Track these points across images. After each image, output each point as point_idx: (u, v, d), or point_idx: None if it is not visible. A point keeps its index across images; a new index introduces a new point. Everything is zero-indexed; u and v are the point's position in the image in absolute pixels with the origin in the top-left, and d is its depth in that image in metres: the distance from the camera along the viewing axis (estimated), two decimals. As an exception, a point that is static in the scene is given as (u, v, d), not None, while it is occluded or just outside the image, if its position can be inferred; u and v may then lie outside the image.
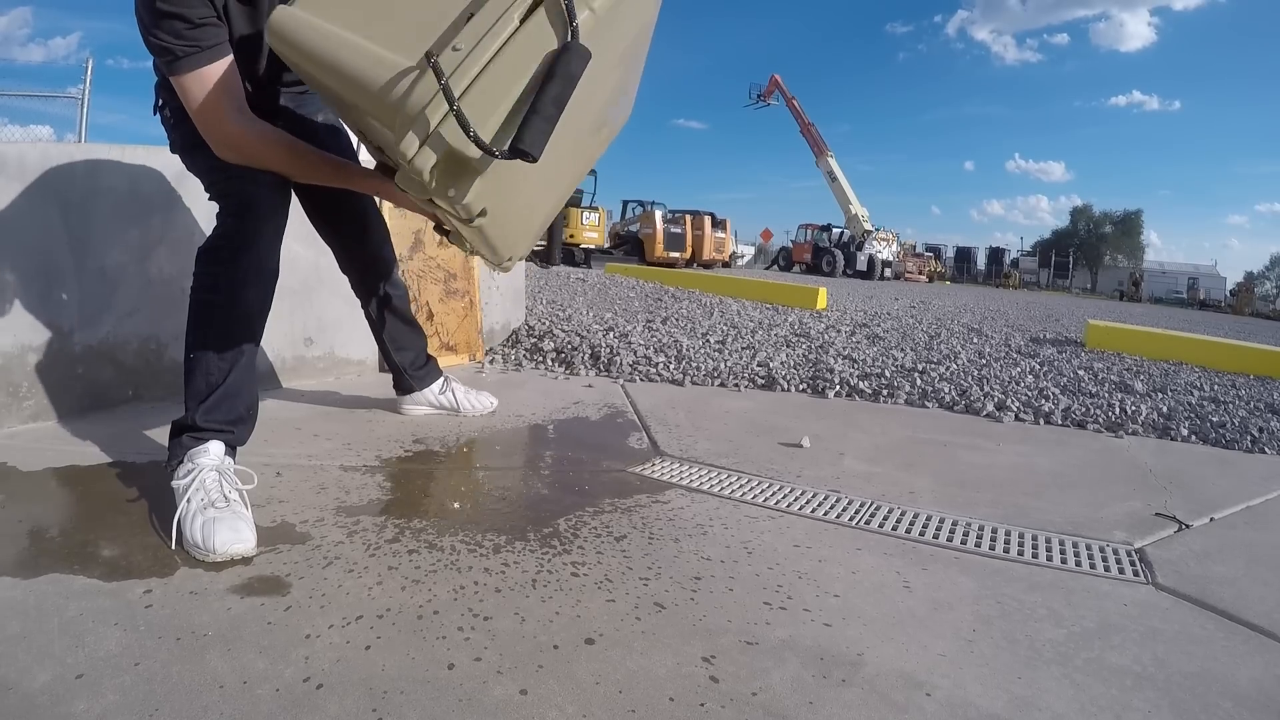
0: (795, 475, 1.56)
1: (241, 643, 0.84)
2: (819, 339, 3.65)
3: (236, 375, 1.22)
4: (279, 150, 1.19)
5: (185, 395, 1.22)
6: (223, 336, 1.21)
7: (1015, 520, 1.38)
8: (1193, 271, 33.60)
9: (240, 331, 1.22)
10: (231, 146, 1.15)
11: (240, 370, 1.22)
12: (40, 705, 0.71)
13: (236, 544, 1.04)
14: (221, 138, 1.14)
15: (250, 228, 1.20)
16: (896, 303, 7.95)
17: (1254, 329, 10.63)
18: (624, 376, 2.51)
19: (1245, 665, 0.92)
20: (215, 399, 1.20)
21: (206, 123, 1.12)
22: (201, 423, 1.19)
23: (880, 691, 0.82)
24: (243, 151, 1.16)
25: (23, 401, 1.58)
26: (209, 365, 1.20)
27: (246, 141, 1.15)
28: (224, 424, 1.20)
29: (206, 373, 1.20)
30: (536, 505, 1.33)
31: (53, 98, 7.15)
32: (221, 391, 1.20)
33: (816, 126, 25.07)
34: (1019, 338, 4.74)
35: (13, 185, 1.55)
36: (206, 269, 1.21)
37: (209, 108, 1.10)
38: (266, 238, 1.22)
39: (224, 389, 1.20)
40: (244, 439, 1.26)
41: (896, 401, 2.42)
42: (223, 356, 1.20)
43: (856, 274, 20.84)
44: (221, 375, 1.20)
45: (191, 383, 1.21)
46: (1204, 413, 2.46)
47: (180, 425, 1.21)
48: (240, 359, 1.22)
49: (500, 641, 0.87)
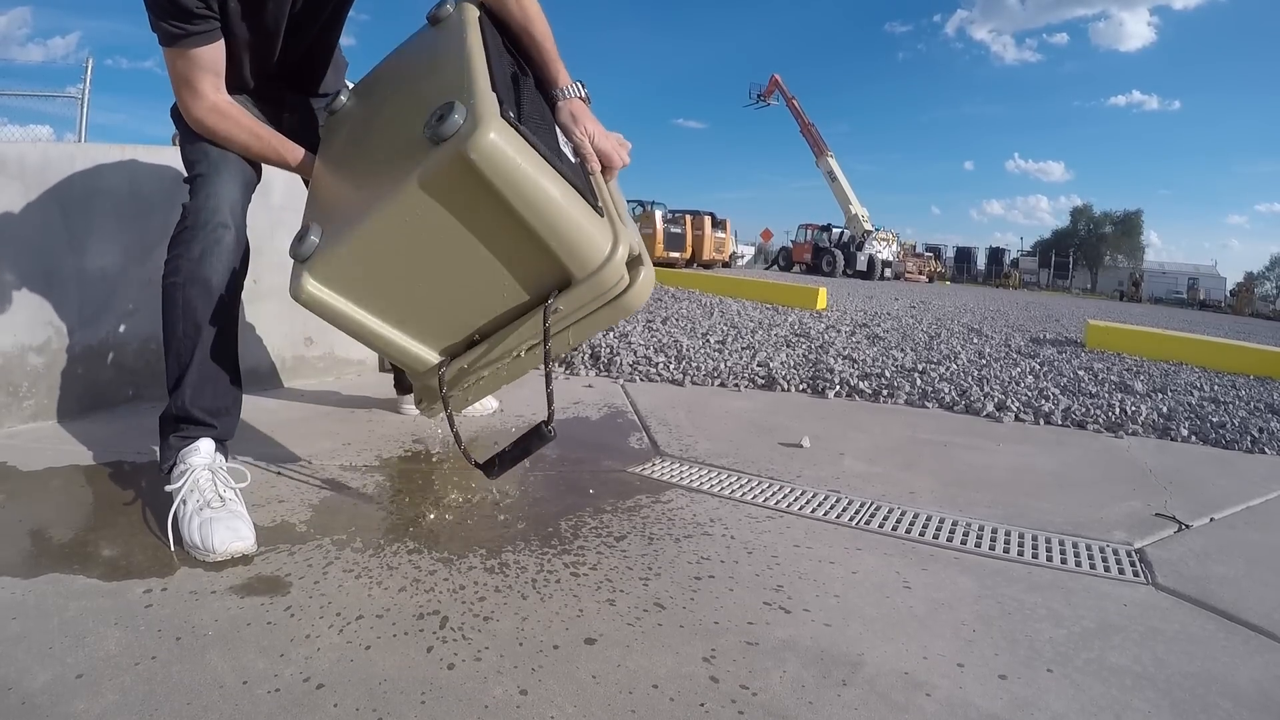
0: (795, 475, 1.56)
1: (241, 643, 0.84)
2: (819, 339, 3.65)
3: (208, 358, 1.19)
4: (239, 133, 1.25)
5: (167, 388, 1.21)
6: (187, 316, 1.18)
7: (1015, 520, 1.38)
8: (1193, 271, 33.59)
9: (202, 309, 1.18)
10: (195, 120, 1.24)
11: (210, 352, 1.19)
12: (40, 705, 0.71)
13: (235, 542, 1.04)
14: (191, 111, 1.23)
15: (206, 204, 1.20)
16: (896, 303, 7.95)
17: (1254, 329, 10.64)
18: (624, 376, 2.51)
19: (1245, 665, 0.92)
20: (190, 384, 1.18)
21: (180, 96, 1.23)
22: (184, 410, 1.18)
23: (880, 691, 0.82)
24: (204, 125, 1.24)
25: (23, 401, 1.58)
26: (178, 347, 1.19)
27: (212, 119, 1.23)
28: (205, 414, 1.19)
29: (177, 355, 1.19)
30: (536, 505, 1.33)
31: (52, 97, 7.15)
32: (195, 375, 1.18)
33: (816, 126, 25.08)
34: (1019, 338, 4.75)
35: (13, 185, 1.55)
36: (169, 254, 1.21)
37: (185, 83, 1.21)
38: (223, 213, 1.20)
39: (197, 372, 1.18)
40: (230, 431, 1.24)
41: (896, 402, 2.42)
42: (188, 336, 1.18)
43: (856, 274, 20.82)
44: (188, 354, 1.18)
45: (167, 371, 1.21)
46: (1204, 413, 2.46)
47: (163, 418, 1.20)
48: (208, 339, 1.19)
49: (500, 641, 0.87)
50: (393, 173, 0.94)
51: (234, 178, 1.24)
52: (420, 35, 1.28)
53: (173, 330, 1.19)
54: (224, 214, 1.20)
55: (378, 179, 0.98)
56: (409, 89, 1.16)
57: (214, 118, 1.22)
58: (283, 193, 1.99)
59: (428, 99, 0.98)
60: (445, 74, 1.03)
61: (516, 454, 1.08)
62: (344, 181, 1.11)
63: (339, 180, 1.13)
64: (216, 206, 1.20)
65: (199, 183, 1.23)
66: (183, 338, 1.19)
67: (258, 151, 1.26)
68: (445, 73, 1.03)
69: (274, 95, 1.39)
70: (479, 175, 0.87)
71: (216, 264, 1.19)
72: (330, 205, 1.07)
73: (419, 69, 1.20)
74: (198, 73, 1.19)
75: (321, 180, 1.18)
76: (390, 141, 1.05)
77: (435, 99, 0.93)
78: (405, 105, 1.10)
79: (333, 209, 1.05)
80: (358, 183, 1.07)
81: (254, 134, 1.25)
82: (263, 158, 1.28)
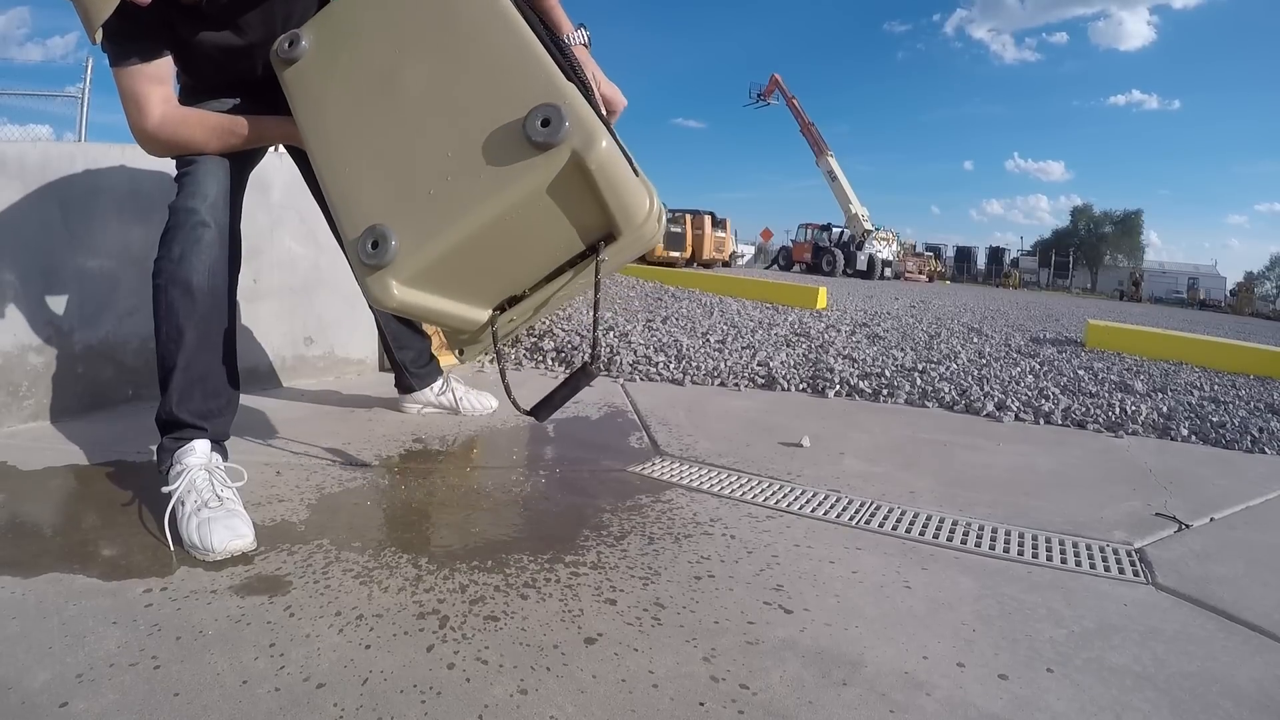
0: (795, 475, 1.56)
1: (241, 643, 0.84)
2: (819, 338, 3.65)
3: (197, 358, 1.18)
4: (194, 130, 1.19)
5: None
6: (169, 319, 1.17)
7: (1015, 520, 1.38)
8: (1193, 271, 33.61)
9: (183, 311, 1.16)
10: (145, 138, 1.17)
11: (196, 352, 1.18)
12: (40, 705, 0.71)
13: (235, 540, 1.04)
14: (137, 130, 1.17)
15: (186, 204, 1.19)
16: (896, 302, 7.95)
17: (1254, 329, 10.64)
18: (624, 376, 2.51)
19: (1245, 665, 0.92)
20: (176, 388, 1.17)
21: (127, 114, 1.16)
22: (171, 415, 1.17)
23: (880, 691, 0.82)
24: (157, 142, 1.18)
25: (23, 401, 1.58)
26: (162, 350, 1.18)
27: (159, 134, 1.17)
28: (194, 416, 1.18)
29: (161, 358, 1.18)
30: (536, 505, 1.33)
31: (52, 97, 7.15)
32: (180, 378, 1.17)
33: (816, 126, 25.08)
34: (1019, 337, 4.75)
35: (13, 185, 1.55)
36: (157, 255, 1.20)
37: (128, 101, 1.14)
38: (201, 211, 1.19)
39: (182, 375, 1.17)
40: (224, 431, 1.24)
41: (896, 401, 2.42)
42: (171, 339, 1.17)
43: (856, 274, 20.84)
44: (171, 357, 1.17)
45: (159, 374, 1.20)
46: (1204, 413, 2.46)
47: (158, 421, 1.20)
48: (192, 341, 1.17)
49: (500, 641, 0.87)
50: (488, 170, 0.96)
51: (215, 174, 1.22)
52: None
53: (157, 333, 1.19)
54: (202, 212, 1.18)
55: (461, 173, 0.99)
56: (437, 52, 1.10)
57: (166, 127, 1.16)
58: (282, 191, 1.99)
59: (481, 75, 1.02)
60: (489, 43, 1.05)
61: (565, 394, 1.14)
62: (392, 165, 1.06)
63: (381, 161, 1.07)
64: (195, 206, 1.18)
65: (182, 181, 1.21)
66: (166, 341, 1.18)
67: (226, 143, 1.20)
68: (488, 41, 1.05)
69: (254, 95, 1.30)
70: (588, 174, 0.95)
71: (196, 263, 1.17)
72: (389, 196, 1.03)
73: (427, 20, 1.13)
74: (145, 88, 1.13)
75: (344, 156, 1.08)
76: (454, 125, 1.03)
77: (499, 79, 1.00)
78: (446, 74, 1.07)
79: (396, 201, 1.02)
80: (421, 170, 1.04)
81: (207, 129, 1.18)
82: (240, 145, 1.21)
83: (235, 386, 1.26)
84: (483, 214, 0.96)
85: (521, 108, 0.95)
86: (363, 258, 0.97)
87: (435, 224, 0.97)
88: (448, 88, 1.05)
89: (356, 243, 0.98)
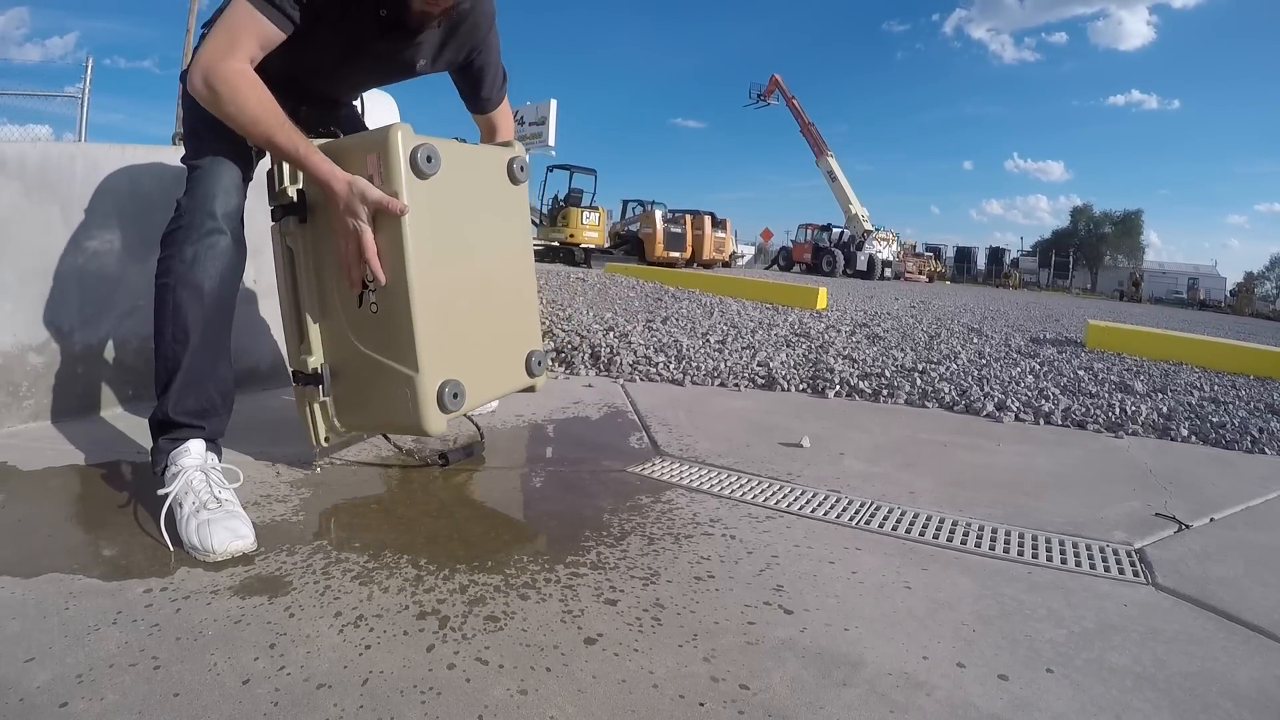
0: (795, 475, 1.56)
1: (241, 643, 0.84)
2: (819, 339, 3.65)
3: (196, 360, 1.17)
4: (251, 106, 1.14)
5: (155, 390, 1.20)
6: (176, 321, 1.17)
7: (1015, 520, 1.38)
8: (1193, 271, 33.61)
9: (192, 314, 1.16)
10: (219, 75, 1.13)
11: (200, 355, 1.18)
12: (40, 705, 0.71)
13: (235, 541, 1.04)
14: (218, 67, 1.13)
15: (202, 205, 1.18)
16: (896, 303, 7.95)
17: (1254, 329, 10.64)
18: (624, 376, 2.51)
19: (1245, 665, 0.92)
20: (176, 389, 1.17)
21: (214, 51, 1.14)
22: (167, 416, 1.17)
23: (880, 691, 0.82)
24: (227, 82, 1.13)
25: (23, 401, 1.57)
26: (165, 351, 1.18)
27: (235, 79, 1.14)
28: (193, 416, 1.17)
29: (164, 359, 1.18)
30: (536, 505, 1.33)
31: (51, 97, 7.15)
32: (181, 380, 1.17)
33: (816, 126, 25.07)
34: (1019, 338, 4.75)
35: (13, 185, 1.55)
36: (162, 252, 1.19)
37: (232, 41, 1.14)
38: (218, 217, 1.18)
39: (184, 377, 1.17)
40: (220, 431, 1.23)
41: (896, 401, 2.42)
42: (177, 341, 1.17)
43: (856, 274, 20.82)
44: (176, 360, 1.17)
45: (156, 373, 1.20)
46: (1204, 413, 2.46)
47: (153, 422, 1.19)
48: (197, 344, 1.17)
49: (500, 641, 0.87)
50: (517, 362, 1.46)
51: (233, 177, 1.22)
52: (488, 154, 1.44)
53: (161, 334, 1.18)
54: (219, 217, 1.18)
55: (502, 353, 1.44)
56: (483, 234, 1.39)
57: (237, 80, 1.13)
58: (283, 192, 1.99)
59: (510, 303, 1.46)
60: (512, 245, 1.49)
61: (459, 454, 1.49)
62: (466, 323, 1.33)
63: (458, 316, 1.31)
64: (212, 209, 1.18)
65: (196, 178, 1.21)
66: (171, 342, 1.17)
67: (263, 130, 1.14)
68: (511, 243, 1.49)
69: (298, 91, 1.35)
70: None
71: (210, 268, 1.17)
72: (462, 349, 1.30)
73: (486, 203, 1.40)
74: (251, 40, 1.14)
75: (437, 296, 1.25)
76: (492, 313, 1.40)
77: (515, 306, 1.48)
78: (483, 259, 1.38)
79: (465, 354, 1.31)
80: (478, 332, 1.36)
81: (263, 110, 1.14)
82: (266, 139, 1.15)
83: (231, 386, 1.26)
84: (503, 393, 1.53)
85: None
86: (439, 408, 1.24)
87: (482, 385, 1.35)
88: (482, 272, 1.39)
89: (435, 386, 1.24)
